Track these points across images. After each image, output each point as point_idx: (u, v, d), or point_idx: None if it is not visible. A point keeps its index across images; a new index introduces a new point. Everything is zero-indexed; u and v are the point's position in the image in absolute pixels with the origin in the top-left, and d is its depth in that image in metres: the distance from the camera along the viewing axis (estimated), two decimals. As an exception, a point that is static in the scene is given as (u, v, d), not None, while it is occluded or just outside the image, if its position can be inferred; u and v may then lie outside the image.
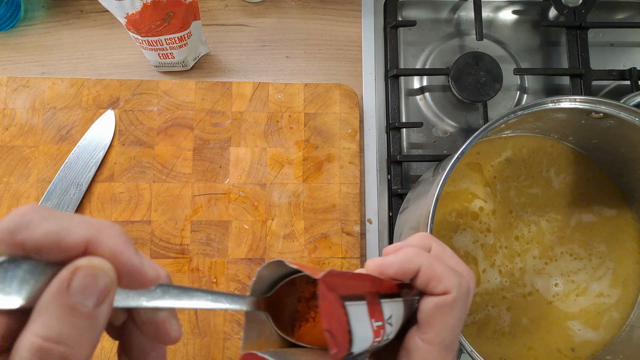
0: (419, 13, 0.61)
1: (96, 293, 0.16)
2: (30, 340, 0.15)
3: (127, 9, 0.44)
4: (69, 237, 0.16)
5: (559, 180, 0.51)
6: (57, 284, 0.16)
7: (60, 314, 0.15)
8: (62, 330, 0.15)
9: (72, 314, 0.16)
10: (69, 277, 0.16)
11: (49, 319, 0.15)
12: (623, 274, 0.49)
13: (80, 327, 0.16)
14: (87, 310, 0.16)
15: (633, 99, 0.54)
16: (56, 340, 0.15)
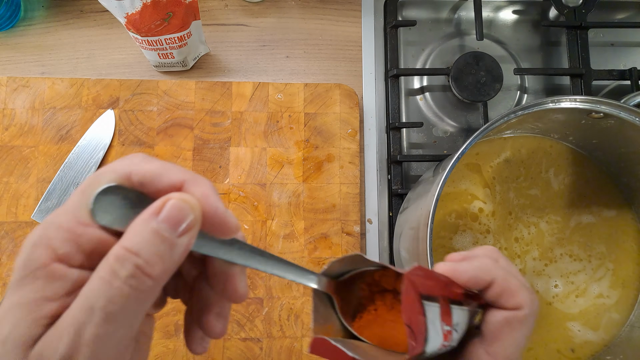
0: (419, 13, 0.61)
1: (180, 224, 0.18)
2: (116, 249, 0.18)
3: (127, 8, 0.44)
4: (168, 175, 0.19)
5: (559, 181, 0.51)
6: (150, 209, 0.18)
7: (145, 234, 0.18)
8: (142, 246, 0.18)
9: (154, 236, 0.18)
10: (161, 205, 0.18)
11: (134, 235, 0.18)
12: (622, 275, 0.49)
13: (159, 249, 0.18)
14: (169, 237, 0.18)
15: (633, 99, 0.54)
16: (135, 253, 0.17)
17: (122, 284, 0.17)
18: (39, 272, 0.17)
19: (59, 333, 0.17)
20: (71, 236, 0.18)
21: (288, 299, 0.51)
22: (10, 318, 0.17)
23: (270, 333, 0.50)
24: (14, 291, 0.18)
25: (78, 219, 0.19)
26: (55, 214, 0.19)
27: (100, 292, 0.17)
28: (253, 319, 0.50)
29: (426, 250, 0.38)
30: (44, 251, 0.18)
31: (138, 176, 0.19)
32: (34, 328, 0.17)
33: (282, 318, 0.51)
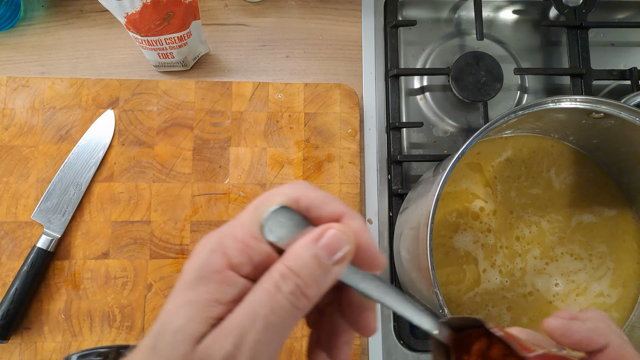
0: (419, 13, 0.61)
1: (336, 252, 0.20)
2: (280, 266, 0.20)
3: (127, 8, 0.44)
4: (330, 205, 0.21)
5: (560, 181, 0.51)
6: (312, 235, 0.20)
7: (306, 257, 0.20)
8: (302, 268, 0.20)
9: (313, 261, 0.20)
10: (321, 233, 0.20)
11: (297, 257, 0.20)
12: (623, 274, 0.49)
13: (316, 273, 0.20)
14: (325, 263, 0.20)
15: (634, 99, 0.54)
16: (296, 273, 0.19)
17: (283, 298, 0.19)
18: (214, 276, 0.20)
19: (224, 334, 0.19)
20: (244, 248, 0.20)
21: (288, 299, 0.51)
22: (183, 312, 0.19)
23: (271, 333, 0.50)
24: (189, 289, 0.20)
25: (251, 233, 0.21)
26: (231, 226, 0.21)
27: (264, 302, 0.19)
28: (253, 319, 0.50)
29: (426, 251, 0.38)
30: (220, 258, 0.20)
31: (306, 202, 0.21)
32: (203, 325, 0.19)
33: (283, 318, 0.51)
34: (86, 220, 0.51)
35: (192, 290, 0.20)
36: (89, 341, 0.49)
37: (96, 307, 0.49)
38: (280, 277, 0.20)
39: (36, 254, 0.48)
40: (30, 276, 0.48)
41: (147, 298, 0.50)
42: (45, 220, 0.50)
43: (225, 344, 0.18)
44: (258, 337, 0.19)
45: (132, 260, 0.50)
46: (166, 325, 0.19)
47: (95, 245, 0.50)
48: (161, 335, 0.19)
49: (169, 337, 0.19)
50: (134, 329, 0.49)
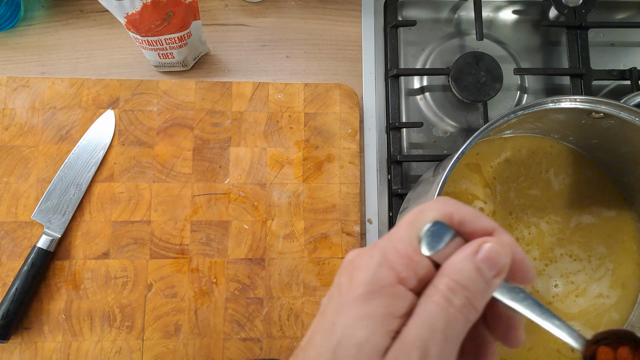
0: (419, 13, 0.61)
1: (495, 266, 0.21)
2: (446, 280, 0.20)
3: (127, 8, 0.44)
4: (482, 220, 0.22)
5: (559, 181, 0.51)
6: (471, 248, 0.21)
7: (469, 270, 0.20)
8: (469, 281, 0.20)
9: (477, 274, 0.20)
10: (479, 246, 0.21)
11: (459, 270, 0.20)
12: (622, 275, 0.49)
13: (480, 286, 0.20)
14: (487, 276, 0.20)
15: (633, 99, 0.54)
16: (464, 286, 0.20)
17: (456, 311, 0.20)
18: (387, 290, 0.20)
19: (408, 347, 0.19)
20: (409, 262, 0.21)
21: (288, 299, 0.51)
22: (364, 326, 0.20)
23: (270, 333, 0.50)
24: (362, 303, 0.20)
25: (413, 247, 0.21)
26: (390, 240, 0.22)
27: (440, 315, 0.20)
28: (253, 319, 0.50)
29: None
30: (389, 272, 0.21)
31: (459, 217, 0.22)
32: (386, 339, 0.20)
33: (282, 318, 0.51)
34: (86, 220, 0.51)
35: (366, 304, 0.20)
36: (89, 341, 0.49)
37: (96, 307, 0.50)
38: (449, 290, 0.20)
39: (36, 254, 0.48)
40: (31, 276, 0.48)
41: (147, 298, 0.50)
42: (45, 220, 0.50)
43: (411, 358, 0.19)
44: (439, 349, 0.19)
45: (132, 260, 0.51)
46: (346, 338, 0.20)
47: (96, 245, 0.51)
48: (342, 348, 0.20)
49: (352, 350, 0.19)
50: (134, 328, 0.49)
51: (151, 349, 0.49)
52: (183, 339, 0.50)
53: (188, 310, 0.50)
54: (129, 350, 0.49)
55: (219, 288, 0.51)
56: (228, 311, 0.50)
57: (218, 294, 0.51)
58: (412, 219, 0.22)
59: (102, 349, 0.49)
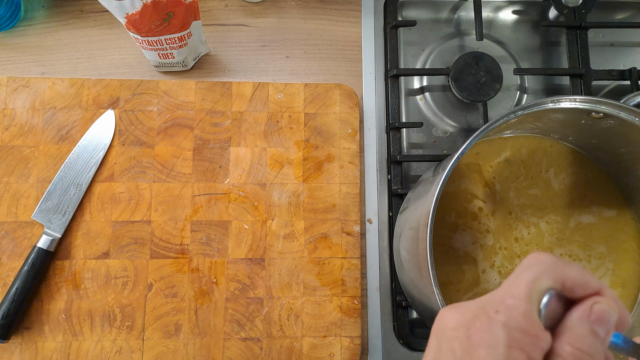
0: (419, 13, 0.61)
1: (607, 325, 0.21)
2: (570, 349, 0.21)
3: (127, 9, 0.44)
4: (592, 282, 0.22)
5: (559, 181, 0.51)
6: (584, 310, 0.22)
7: (586, 333, 0.21)
8: (589, 345, 0.21)
9: (593, 336, 0.21)
10: (590, 308, 0.21)
11: (579, 336, 0.21)
12: (622, 275, 0.49)
13: (598, 347, 0.21)
14: (601, 337, 0.21)
15: (633, 99, 0.54)
16: (586, 352, 0.21)
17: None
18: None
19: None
20: (537, 341, 0.21)
21: (288, 299, 0.51)
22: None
23: (270, 333, 0.50)
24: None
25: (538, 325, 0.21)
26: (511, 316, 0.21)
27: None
28: (253, 319, 0.50)
29: (426, 250, 0.38)
30: (520, 354, 0.20)
31: (570, 283, 0.22)
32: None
33: (282, 318, 0.51)
34: (87, 220, 0.51)
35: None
36: (90, 341, 0.49)
37: (97, 306, 0.50)
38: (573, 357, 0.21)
39: (37, 253, 0.48)
40: (31, 276, 0.48)
41: (147, 298, 0.50)
42: (45, 220, 0.50)
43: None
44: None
45: (133, 260, 0.51)
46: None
47: (96, 245, 0.51)
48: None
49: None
50: (134, 328, 0.49)
51: (151, 349, 0.49)
52: (183, 338, 0.50)
53: (188, 310, 0.50)
54: (129, 350, 0.49)
55: (219, 288, 0.51)
56: (228, 311, 0.50)
57: (218, 294, 0.51)
58: (528, 291, 0.22)
59: (103, 349, 0.49)
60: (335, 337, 0.51)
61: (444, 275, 0.48)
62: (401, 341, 0.53)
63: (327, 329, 0.51)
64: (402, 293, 0.53)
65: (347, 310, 0.51)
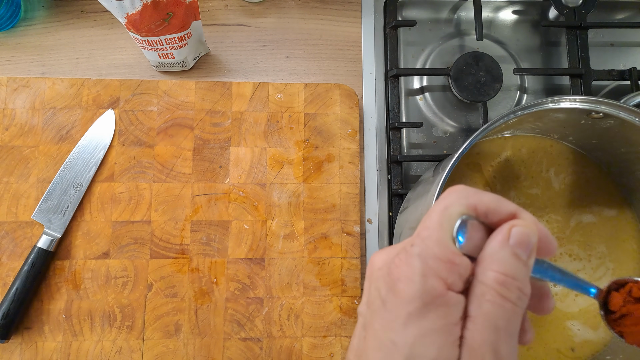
0: (419, 13, 0.61)
1: (528, 247, 0.21)
2: (493, 274, 0.20)
3: (127, 9, 0.44)
4: (505, 205, 0.22)
5: (559, 181, 0.51)
6: (502, 234, 0.21)
7: (507, 256, 0.20)
8: (514, 270, 0.20)
9: (516, 260, 0.20)
10: (508, 231, 0.21)
11: (501, 261, 0.20)
12: (622, 275, 0.49)
13: (522, 270, 0.20)
14: (523, 259, 0.21)
15: (633, 99, 0.54)
16: (510, 275, 0.20)
17: (513, 305, 0.20)
18: (439, 301, 0.20)
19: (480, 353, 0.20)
20: (453, 267, 0.20)
21: (288, 299, 0.51)
22: (430, 343, 0.20)
23: (270, 333, 0.50)
24: (420, 318, 0.20)
25: (451, 249, 0.21)
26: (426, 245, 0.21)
27: (499, 314, 0.20)
28: (253, 319, 0.50)
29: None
30: (437, 281, 0.20)
31: (483, 208, 0.22)
32: (454, 350, 0.20)
33: (282, 318, 0.51)
34: (87, 220, 0.51)
35: (424, 319, 0.20)
36: (90, 341, 0.49)
37: (97, 306, 0.50)
38: (501, 285, 0.20)
39: (37, 253, 0.48)
40: (31, 276, 0.48)
41: (147, 298, 0.50)
42: (45, 220, 0.50)
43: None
44: (508, 347, 0.20)
45: (133, 260, 0.51)
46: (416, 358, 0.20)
47: (96, 245, 0.51)
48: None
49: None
50: (134, 328, 0.49)
51: (151, 349, 0.49)
52: (183, 338, 0.50)
53: (188, 310, 0.50)
54: (129, 350, 0.49)
55: (219, 288, 0.51)
56: (228, 311, 0.50)
57: (218, 294, 0.51)
58: (439, 219, 0.21)
59: (103, 349, 0.49)
60: (335, 337, 0.51)
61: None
62: (401, 341, 0.53)
63: (327, 329, 0.51)
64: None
65: (347, 310, 0.51)
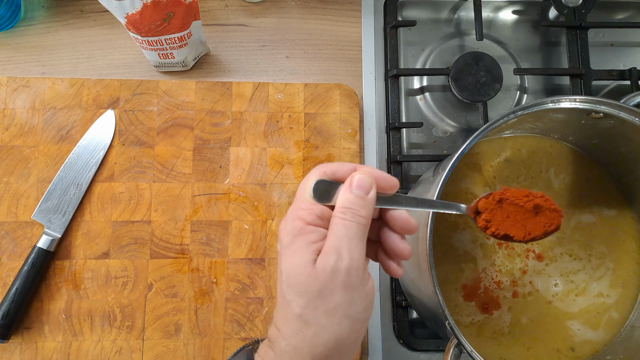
0: (419, 13, 0.61)
1: (365, 186, 0.30)
2: (339, 208, 0.30)
3: (127, 9, 0.44)
4: (346, 166, 0.31)
5: (559, 181, 0.51)
6: (346, 183, 0.31)
7: (350, 197, 0.30)
8: (352, 202, 0.30)
9: (356, 197, 0.30)
10: (350, 180, 0.30)
11: (344, 200, 0.30)
12: (622, 274, 0.49)
13: (360, 203, 0.30)
14: (361, 195, 0.30)
15: (633, 99, 0.54)
16: (349, 207, 0.30)
17: (348, 221, 0.29)
18: (302, 231, 0.29)
19: (327, 252, 0.29)
20: (310, 211, 0.30)
21: (288, 299, 0.51)
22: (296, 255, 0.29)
23: (271, 333, 0.50)
24: (291, 244, 0.29)
25: (308, 201, 0.31)
26: (294, 205, 0.31)
27: (339, 226, 0.29)
28: (253, 319, 0.50)
29: (426, 250, 0.38)
30: (299, 222, 0.30)
31: (330, 171, 0.31)
32: (313, 256, 0.29)
33: (283, 318, 0.51)
34: (87, 220, 0.51)
35: (294, 244, 0.29)
36: (90, 341, 0.49)
37: (97, 306, 0.50)
38: (341, 212, 0.30)
39: (37, 253, 0.48)
40: (31, 276, 0.48)
41: (147, 298, 0.50)
42: (45, 220, 0.50)
43: (331, 257, 0.28)
44: (346, 246, 0.29)
45: (133, 260, 0.51)
46: (289, 268, 0.29)
47: (96, 245, 0.51)
48: (288, 276, 0.29)
49: (294, 271, 0.29)
50: (134, 328, 0.49)
51: (151, 349, 0.49)
52: (183, 338, 0.50)
53: (188, 310, 0.50)
54: (129, 350, 0.49)
55: (219, 288, 0.51)
56: (228, 311, 0.50)
57: (218, 294, 0.51)
58: (302, 186, 0.31)
59: (103, 349, 0.49)
60: (335, 337, 0.51)
61: (443, 274, 0.48)
62: (401, 341, 0.53)
63: (327, 329, 0.51)
64: (402, 293, 0.53)
65: (347, 310, 0.51)
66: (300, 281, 0.28)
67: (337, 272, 0.28)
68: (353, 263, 0.29)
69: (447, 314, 0.38)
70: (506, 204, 0.35)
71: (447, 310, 0.37)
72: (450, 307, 0.48)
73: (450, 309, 0.48)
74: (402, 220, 0.32)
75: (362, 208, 0.30)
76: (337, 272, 0.28)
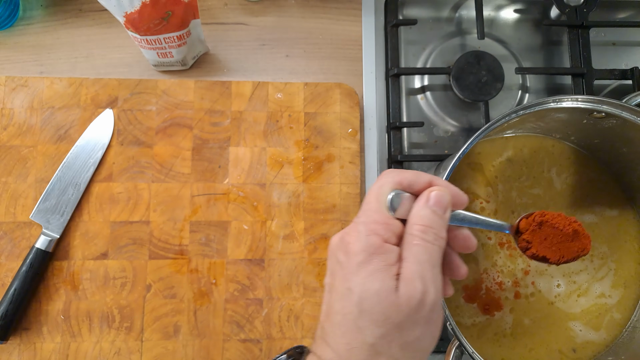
0: (420, 12, 0.61)
1: (443, 205, 0.29)
2: (416, 227, 0.28)
3: (126, 7, 0.44)
4: (422, 177, 0.29)
5: (561, 181, 0.50)
6: (423, 199, 0.29)
7: (428, 214, 0.28)
8: (432, 222, 0.28)
9: (434, 215, 0.28)
10: (427, 196, 0.29)
11: (422, 217, 0.28)
12: (625, 275, 0.49)
13: (438, 222, 0.28)
14: (440, 214, 0.28)
15: (635, 99, 0.53)
16: (430, 226, 0.28)
17: (431, 244, 0.28)
18: (379, 250, 0.27)
19: (411, 279, 0.27)
20: (387, 226, 0.28)
21: (288, 300, 0.51)
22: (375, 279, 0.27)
23: (270, 334, 0.50)
24: (366, 264, 0.27)
25: (386, 215, 0.29)
26: (367, 215, 0.29)
27: (421, 251, 0.27)
28: (252, 320, 0.50)
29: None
30: (376, 238, 0.28)
31: (406, 182, 0.29)
32: (393, 281, 0.27)
33: (282, 319, 0.50)
34: (85, 220, 0.51)
35: (369, 264, 0.27)
36: (88, 342, 0.49)
37: (95, 307, 0.49)
38: (422, 232, 0.28)
39: (35, 254, 0.48)
40: (29, 277, 0.47)
41: (146, 298, 0.50)
42: (44, 220, 0.50)
43: (417, 285, 0.26)
44: (430, 274, 0.27)
45: (131, 261, 0.50)
46: (365, 292, 0.27)
47: (94, 246, 0.50)
48: (364, 300, 0.27)
49: (373, 297, 0.26)
50: (133, 329, 0.49)
51: (150, 350, 0.49)
52: (182, 340, 0.49)
53: (187, 311, 0.50)
54: (128, 351, 0.49)
55: (219, 289, 0.51)
56: (227, 312, 0.50)
57: (217, 295, 0.50)
58: (376, 195, 0.29)
59: (101, 350, 0.49)
60: (335, 338, 0.50)
61: (445, 275, 0.48)
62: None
63: (328, 330, 0.50)
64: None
65: (347, 311, 0.51)
66: (379, 310, 0.26)
67: (423, 307, 0.27)
68: (438, 296, 0.27)
69: (449, 315, 0.37)
70: (546, 226, 0.35)
71: (448, 312, 0.37)
72: (452, 308, 0.47)
73: (452, 310, 0.47)
74: (466, 239, 0.31)
75: (442, 229, 0.28)
76: (422, 306, 0.26)
